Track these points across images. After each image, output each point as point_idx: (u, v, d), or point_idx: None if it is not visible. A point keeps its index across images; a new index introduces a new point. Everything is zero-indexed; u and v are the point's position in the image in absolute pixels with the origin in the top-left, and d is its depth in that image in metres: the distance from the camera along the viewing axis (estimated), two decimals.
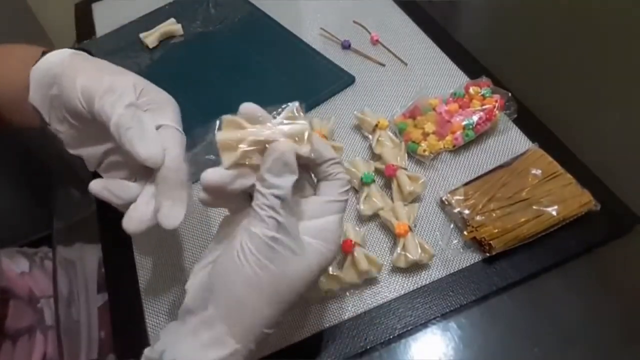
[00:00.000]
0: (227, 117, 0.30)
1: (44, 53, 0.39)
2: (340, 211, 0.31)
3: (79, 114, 0.36)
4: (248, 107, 0.31)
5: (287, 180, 0.29)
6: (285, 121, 0.30)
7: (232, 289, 0.28)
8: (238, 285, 0.28)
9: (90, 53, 0.41)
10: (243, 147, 0.29)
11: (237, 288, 0.28)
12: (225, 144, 0.29)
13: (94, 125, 0.36)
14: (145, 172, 0.37)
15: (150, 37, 0.67)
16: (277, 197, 0.28)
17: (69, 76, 0.36)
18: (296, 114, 0.30)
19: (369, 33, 0.63)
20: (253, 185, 0.30)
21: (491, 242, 0.40)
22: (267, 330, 0.29)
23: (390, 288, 0.41)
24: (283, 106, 0.32)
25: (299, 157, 0.29)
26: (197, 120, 0.54)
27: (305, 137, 0.29)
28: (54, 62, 0.38)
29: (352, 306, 0.40)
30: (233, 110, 0.31)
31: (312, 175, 0.33)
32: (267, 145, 0.29)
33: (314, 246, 0.29)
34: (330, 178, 0.31)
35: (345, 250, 0.40)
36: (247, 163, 0.29)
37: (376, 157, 0.49)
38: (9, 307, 0.49)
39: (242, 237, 0.29)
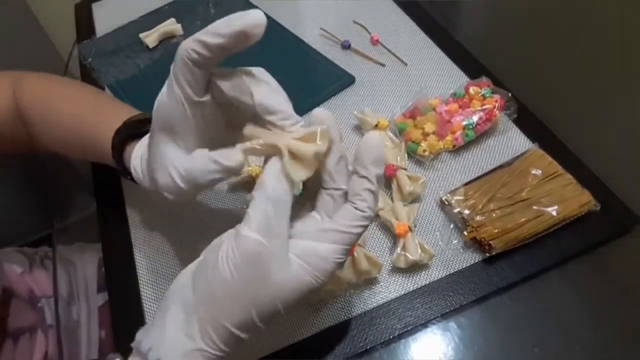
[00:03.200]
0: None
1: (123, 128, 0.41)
2: (344, 243, 0.29)
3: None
4: (320, 114, 0.30)
5: (285, 187, 0.28)
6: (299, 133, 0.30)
7: (209, 285, 0.28)
8: (214, 283, 0.28)
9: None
10: (255, 143, 0.29)
11: (213, 285, 0.28)
12: (250, 135, 0.30)
13: None
14: None
15: (150, 37, 0.67)
16: (272, 201, 0.28)
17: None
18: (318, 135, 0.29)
19: (369, 33, 0.63)
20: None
21: (491, 242, 0.40)
22: (239, 333, 0.28)
23: (390, 288, 0.41)
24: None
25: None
26: None
27: (318, 136, 0.28)
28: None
29: (352, 306, 0.40)
30: None
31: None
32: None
33: (303, 269, 0.28)
34: (352, 200, 0.29)
35: None
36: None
37: None
38: (10, 307, 0.49)
39: (230, 237, 0.29)
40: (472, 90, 0.51)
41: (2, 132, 0.48)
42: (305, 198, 0.32)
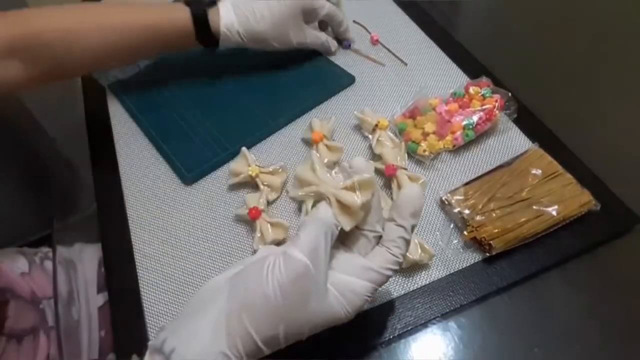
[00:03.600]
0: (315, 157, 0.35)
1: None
2: (377, 283, 0.31)
3: None
4: (360, 163, 0.32)
5: (335, 222, 0.30)
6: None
7: (248, 295, 0.28)
8: (255, 296, 0.28)
9: None
10: (303, 192, 0.33)
11: (254, 298, 0.28)
12: (298, 179, 0.34)
13: None
14: None
15: None
16: (324, 230, 0.29)
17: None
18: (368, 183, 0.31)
19: (369, 33, 0.63)
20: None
21: (491, 242, 0.40)
22: (263, 347, 0.28)
23: (390, 288, 0.41)
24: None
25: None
26: (197, 120, 0.54)
27: (361, 186, 0.31)
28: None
29: None
30: (231, 109, 0.31)
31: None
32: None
33: (337, 301, 0.29)
34: (387, 245, 0.31)
35: None
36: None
37: (376, 157, 0.49)
38: (11, 308, 0.49)
39: (277, 256, 0.29)
40: (472, 90, 0.51)
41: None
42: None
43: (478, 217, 0.42)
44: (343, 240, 0.33)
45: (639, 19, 0.64)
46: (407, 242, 0.31)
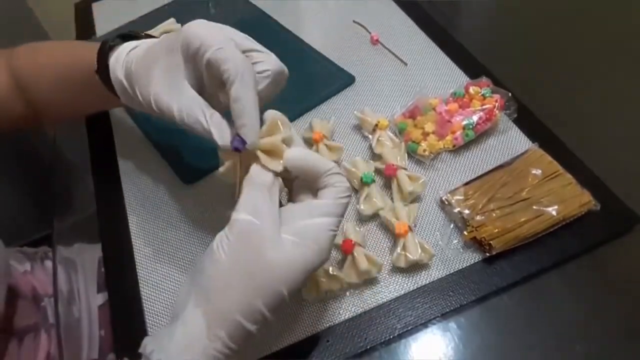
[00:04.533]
0: None
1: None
2: (335, 215, 0.31)
3: None
4: (269, 112, 0.34)
5: (269, 175, 0.31)
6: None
7: (208, 277, 0.28)
8: (212, 271, 0.28)
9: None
10: (226, 166, 0.35)
11: (212, 275, 0.28)
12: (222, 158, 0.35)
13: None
14: None
15: None
16: (259, 187, 0.30)
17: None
18: (279, 125, 0.33)
19: (369, 33, 0.63)
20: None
21: (491, 242, 0.40)
22: (246, 323, 0.27)
23: (390, 288, 0.41)
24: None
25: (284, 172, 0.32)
26: None
27: (282, 151, 0.32)
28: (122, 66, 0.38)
29: (352, 306, 0.40)
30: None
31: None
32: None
33: (298, 245, 0.29)
34: (328, 186, 0.32)
35: (345, 250, 0.40)
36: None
37: (376, 157, 0.49)
38: (16, 306, 0.49)
39: (224, 228, 0.30)
40: (472, 90, 0.51)
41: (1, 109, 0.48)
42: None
43: (478, 217, 0.42)
44: (295, 197, 0.34)
45: (639, 19, 0.64)
46: (336, 173, 0.32)
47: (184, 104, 0.33)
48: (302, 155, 0.32)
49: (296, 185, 0.34)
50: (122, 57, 0.38)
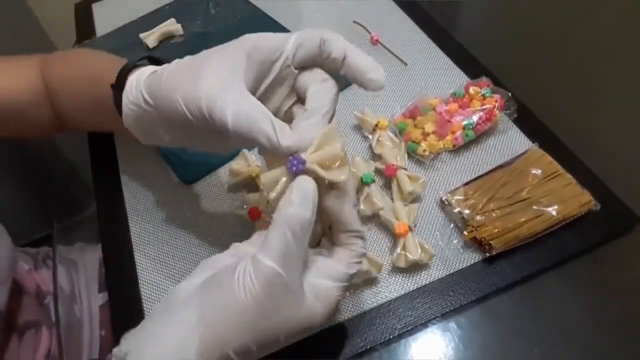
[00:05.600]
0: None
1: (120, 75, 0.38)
2: (344, 281, 0.30)
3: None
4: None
5: (307, 214, 0.28)
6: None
7: (220, 308, 0.27)
8: (228, 307, 0.27)
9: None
10: (282, 182, 0.29)
11: (226, 309, 0.27)
12: (266, 185, 0.30)
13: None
14: None
15: (150, 37, 0.67)
16: (293, 229, 0.27)
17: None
18: (326, 135, 0.29)
19: (369, 33, 0.63)
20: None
21: (491, 242, 0.40)
22: (235, 357, 0.27)
23: (390, 288, 0.41)
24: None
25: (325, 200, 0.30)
26: None
27: (337, 164, 0.29)
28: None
29: (352, 306, 0.40)
30: None
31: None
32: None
33: (310, 303, 0.29)
34: (345, 246, 0.31)
35: None
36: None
37: (376, 157, 0.49)
38: (20, 301, 0.49)
39: (247, 261, 0.28)
40: (472, 90, 0.51)
41: (26, 114, 0.47)
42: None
43: (478, 217, 0.42)
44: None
45: (639, 19, 0.64)
46: (361, 236, 0.31)
47: (243, 109, 0.30)
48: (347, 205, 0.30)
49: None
50: (145, 74, 0.36)
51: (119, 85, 0.37)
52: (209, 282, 0.29)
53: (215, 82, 0.31)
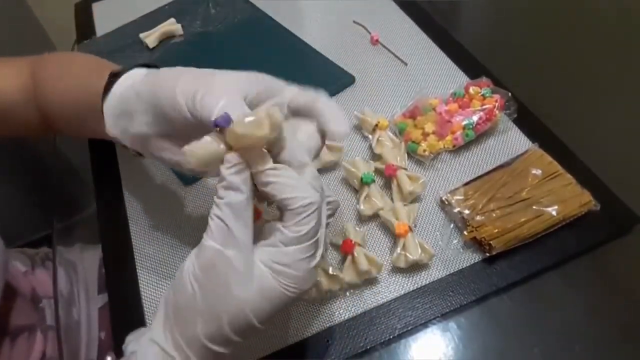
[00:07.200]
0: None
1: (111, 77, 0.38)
2: (302, 241, 0.28)
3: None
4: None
5: (239, 193, 0.27)
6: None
7: (175, 300, 0.28)
8: (178, 296, 0.28)
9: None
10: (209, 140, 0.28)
11: (178, 299, 0.28)
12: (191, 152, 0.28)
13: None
14: None
15: (150, 37, 0.67)
16: (228, 206, 0.27)
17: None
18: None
19: (369, 33, 0.63)
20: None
21: (491, 242, 0.40)
22: (213, 346, 0.27)
23: (390, 288, 0.41)
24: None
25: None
26: None
27: (266, 122, 0.27)
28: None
29: (352, 306, 0.40)
30: None
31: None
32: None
33: (263, 272, 0.27)
34: (288, 208, 0.28)
35: (345, 250, 0.40)
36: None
37: (376, 157, 0.49)
38: (13, 305, 0.49)
39: (194, 251, 0.28)
40: (472, 90, 0.51)
41: (15, 113, 0.47)
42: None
43: (478, 217, 0.42)
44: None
45: (639, 19, 0.64)
46: (298, 184, 0.28)
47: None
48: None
49: None
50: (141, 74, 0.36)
51: (116, 74, 0.38)
52: (170, 284, 0.30)
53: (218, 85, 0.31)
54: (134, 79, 0.37)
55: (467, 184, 0.46)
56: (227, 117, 0.28)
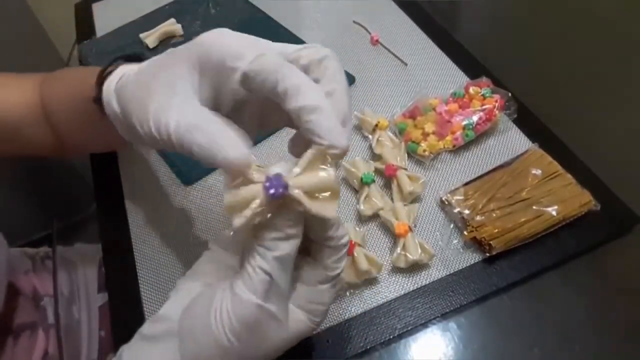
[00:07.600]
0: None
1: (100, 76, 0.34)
2: (334, 278, 0.28)
3: None
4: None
5: (292, 243, 0.25)
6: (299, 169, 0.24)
7: (201, 348, 0.26)
8: (209, 346, 0.26)
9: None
10: (254, 206, 0.24)
11: (207, 349, 0.26)
12: (232, 207, 0.24)
13: None
14: None
15: (150, 37, 0.67)
16: (276, 259, 0.25)
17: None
18: (316, 156, 0.24)
19: (369, 33, 0.63)
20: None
21: (491, 242, 0.40)
22: None
23: (390, 288, 0.41)
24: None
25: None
26: None
27: (328, 194, 0.24)
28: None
29: (352, 306, 0.40)
30: None
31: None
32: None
33: (298, 316, 0.27)
34: (328, 247, 0.28)
35: None
36: (257, 222, 0.24)
37: (376, 157, 0.49)
38: (16, 304, 0.49)
39: (224, 296, 0.26)
40: (472, 90, 0.51)
41: (23, 132, 0.45)
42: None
43: (478, 217, 0.42)
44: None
45: (639, 19, 0.64)
46: (338, 226, 0.28)
47: (187, 118, 0.26)
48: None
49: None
50: (115, 82, 0.32)
51: (101, 80, 0.35)
52: (186, 317, 0.27)
53: (163, 97, 0.27)
54: (110, 94, 0.33)
55: (467, 184, 0.46)
56: (280, 182, 0.23)
